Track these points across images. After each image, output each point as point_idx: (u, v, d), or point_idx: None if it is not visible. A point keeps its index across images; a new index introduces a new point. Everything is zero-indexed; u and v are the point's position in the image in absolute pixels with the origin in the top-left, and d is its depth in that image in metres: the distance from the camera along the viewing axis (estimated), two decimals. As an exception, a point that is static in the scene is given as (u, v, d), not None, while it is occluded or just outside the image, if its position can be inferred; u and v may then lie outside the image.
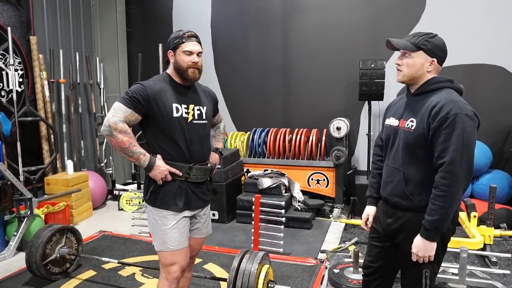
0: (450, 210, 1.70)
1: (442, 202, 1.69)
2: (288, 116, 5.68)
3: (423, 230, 1.75)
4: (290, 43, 5.57)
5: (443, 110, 1.69)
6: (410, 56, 1.83)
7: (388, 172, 1.95)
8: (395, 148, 1.90)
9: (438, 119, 1.69)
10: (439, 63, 1.84)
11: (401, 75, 1.87)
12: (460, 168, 1.66)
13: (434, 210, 1.70)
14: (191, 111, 2.10)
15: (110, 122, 1.93)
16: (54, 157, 5.01)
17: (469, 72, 4.79)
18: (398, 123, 1.90)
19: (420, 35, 1.83)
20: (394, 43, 1.87)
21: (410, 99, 1.91)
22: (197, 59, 2.07)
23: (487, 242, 3.51)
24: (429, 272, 1.84)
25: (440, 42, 1.83)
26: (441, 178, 1.69)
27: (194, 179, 2.12)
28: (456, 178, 1.67)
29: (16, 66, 4.73)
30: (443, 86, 1.81)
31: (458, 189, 1.69)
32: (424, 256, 1.77)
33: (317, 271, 3.33)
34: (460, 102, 1.72)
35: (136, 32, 6.44)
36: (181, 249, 2.11)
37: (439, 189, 1.69)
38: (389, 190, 1.93)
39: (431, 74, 1.83)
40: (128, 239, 4.16)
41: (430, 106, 1.74)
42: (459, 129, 1.66)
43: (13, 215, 3.96)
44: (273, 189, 4.67)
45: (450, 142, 1.67)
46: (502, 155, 4.75)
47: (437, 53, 1.81)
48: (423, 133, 1.75)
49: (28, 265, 3.09)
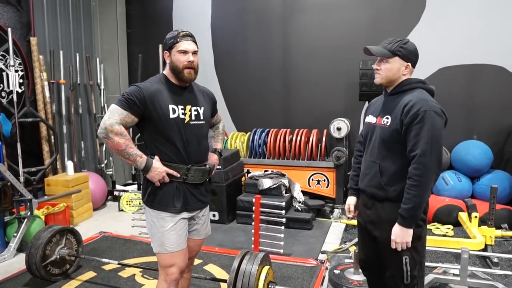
0: (423, 198, 1.86)
1: (416, 191, 1.84)
2: (288, 116, 5.67)
3: (400, 218, 1.90)
4: (290, 43, 5.56)
5: (414, 108, 1.86)
6: (387, 61, 1.99)
7: (366, 165, 2.12)
8: (372, 143, 2.07)
9: (410, 116, 1.85)
10: (413, 66, 2.03)
11: (379, 78, 2.05)
12: (430, 159, 1.82)
13: (409, 199, 1.86)
14: (188, 112, 2.09)
15: (106, 125, 1.93)
16: (54, 158, 5.02)
17: (470, 72, 4.78)
18: (375, 120, 2.08)
19: (395, 42, 1.99)
20: (372, 51, 2.02)
21: (387, 98, 2.08)
22: (193, 58, 2.06)
23: (488, 242, 3.50)
24: (409, 258, 1.96)
25: (413, 47, 2.01)
26: (414, 169, 1.84)
27: (192, 181, 2.11)
28: (427, 169, 1.82)
29: (17, 67, 4.73)
30: (415, 86, 1.98)
31: (429, 178, 1.84)
32: (402, 243, 1.91)
33: (318, 272, 3.32)
34: (430, 101, 1.90)
35: (136, 33, 6.44)
36: (179, 250, 2.10)
37: (413, 179, 1.85)
38: (366, 181, 2.10)
39: (405, 76, 2.01)
40: (128, 240, 4.15)
41: (403, 104, 1.91)
42: (428, 124, 1.83)
43: (13, 216, 3.96)
44: (274, 190, 4.67)
45: (421, 136, 1.83)
46: (503, 155, 4.73)
47: (411, 57, 2.00)
48: (397, 129, 1.92)
49: (28, 266, 3.09)
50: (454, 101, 4.84)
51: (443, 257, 3.60)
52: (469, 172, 4.57)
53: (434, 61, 4.88)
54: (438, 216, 4.38)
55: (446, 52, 4.83)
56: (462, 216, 3.94)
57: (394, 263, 2.00)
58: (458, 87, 4.84)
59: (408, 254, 1.96)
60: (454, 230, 4.25)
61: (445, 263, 3.44)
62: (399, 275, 1.99)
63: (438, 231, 4.21)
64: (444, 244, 3.46)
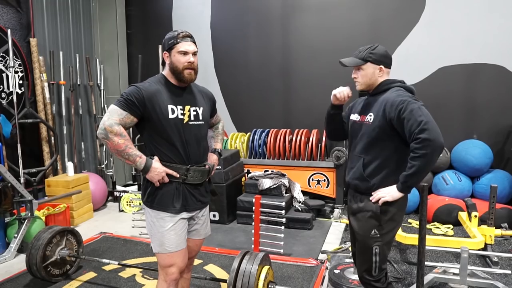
0: (422, 168, 1.94)
1: (416, 162, 1.93)
2: (288, 116, 5.68)
3: (398, 183, 2.04)
4: (290, 43, 5.56)
5: (395, 102, 2.01)
6: (362, 68, 2.16)
7: (351, 160, 2.28)
8: (358, 139, 2.21)
9: (394, 110, 1.99)
10: (387, 67, 2.17)
11: (359, 85, 2.22)
12: (431, 131, 1.89)
13: (409, 167, 1.97)
14: (187, 112, 2.09)
15: (106, 125, 1.93)
16: (54, 159, 5.03)
17: (470, 72, 4.78)
18: (359, 118, 2.23)
19: (364, 50, 2.15)
20: (346, 62, 2.20)
21: (369, 98, 2.24)
22: (193, 59, 2.07)
23: (488, 242, 3.50)
24: (378, 249, 2.13)
25: (382, 50, 2.16)
26: (416, 143, 1.92)
27: (191, 181, 2.11)
28: (429, 141, 1.89)
29: (16, 68, 4.74)
30: (393, 85, 2.14)
31: (432, 150, 1.90)
32: (382, 196, 2.06)
33: (318, 271, 3.32)
34: (405, 94, 2.05)
35: (136, 33, 6.45)
36: (179, 251, 2.10)
37: (414, 152, 1.93)
38: (351, 174, 2.25)
39: (382, 78, 2.17)
40: (129, 241, 4.16)
41: (384, 102, 2.07)
42: (414, 106, 1.95)
43: (14, 217, 3.97)
44: (274, 190, 4.67)
45: (414, 116, 1.93)
46: (503, 154, 4.73)
47: (382, 60, 2.14)
48: (379, 125, 2.07)
49: (29, 267, 3.10)
50: (454, 100, 4.84)
51: (443, 257, 3.60)
52: (469, 172, 4.57)
53: (434, 61, 4.88)
54: (438, 216, 4.38)
55: (446, 51, 4.83)
56: (462, 216, 3.94)
57: (365, 253, 2.16)
58: (458, 86, 4.84)
59: (379, 245, 2.13)
60: (454, 229, 4.25)
61: (445, 262, 3.44)
62: (368, 265, 2.16)
63: (438, 231, 4.22)
64: (444, 243, 3.47)
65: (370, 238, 2.13)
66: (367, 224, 2.14)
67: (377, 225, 2.11)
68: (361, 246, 2.20)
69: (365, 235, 2.15)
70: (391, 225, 2.13)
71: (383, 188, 2.09)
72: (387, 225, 2.12)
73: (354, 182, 2.21)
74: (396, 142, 2.07)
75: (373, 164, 2.11)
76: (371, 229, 2.13)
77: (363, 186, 2.16)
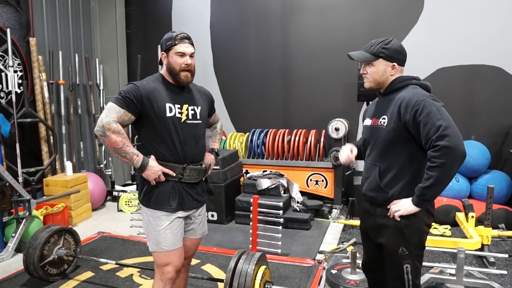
0: (441, 179, 1.73)
1: (433, 172, 1.72)
2: (287, 117, 5.69)
3: (414, 196, 1.83)
4: (289, 43, 5.57)
5: (411, 102, 1.80)
6: (372, 64, 1.95)
7: (366, 169, 2.07)
8: (371, 145, 2.01)
9: (410, 111, 1.79)
10: (400, 65, 1.97)
11: (367, 82, 2.01)
12: (451, 137, 1.69)
13: (426, 178, 1.76)
14: (184, 111, 2.10)
15: (104, 123, 1.94)
16: (53, 159, 5.03)
17: (468, 73, 4.79)
18: (371, 122, 2.04)
19: (376, 44, 1.95)
20: (354, 56, 1.99)
21: (381, 99, 2.05)
22: (190, 61, 2.08)
23: (485, 242, 3.50)
24: (410, 267, 1.90)
25: (396, 45, 1.95)
26: (434, 151, 1.72)
27: (188, 180, 2.12)
28: (448, 149, 1.69)
29: (16, 67, 4.74)
30: (408, 83, 1.93)
31: (451, 159, 1.70)
32: (397, 210, 1.86)
33: (315, 272, 3.32)
34: (422, 93, 1.84)
35: (136, 33, 6.46)
36: (175, 249, 2.11)
37: (431, 161, 1.73)
38: (366, 185, 2.04)
39: (394, 76, 1.96)
40: (127, 240, 4.16)
41: (398, 102, 1.85)
42: (433, 108, 1.75)
43: (12, 216, 3.97)
44: (272, 190, 4.68)
45: (431, 120, 1.73)
46: (501, 155, 4.74)
47: (396, 56, 1.94)
48: (394, 128, 1.86)
49: (26, 266, 3.10)
50: (452, 101, 4.84)
51: (440, 257, 3.61)
52: (467, 172, 4.58)
53: (432, 62, 4.89)
54: (436, 216, 4.31)
55: (444, 52, 4.84)
56: (460, 216, 3.94)
57: (395, 271, 1.94)
58: (456, 87, 4.85)
59: (410, 263, 1.90)
60: (452, 230, 4.25)
61: (442, 263, 3.45)
62: (400, 284, 1.94)
63: (435, 231, 4.22)
64: (441, 244, 3.47)
65: (398, 257, 1.90)
66: (391, 242, 1.92)
67: (403, 241, 1.89)
68: (389, 264, 1.97)
69: (392, 253, 1.92)
70: (418, 237, 1.90)
71: (400, 199, 1.88)
72: (415, 238, 1.89)
73: (370, 194, 2.00)
74: (413, 147, 1.85)
75: (391, 173, 1.90)
76: (398, 246, 1.90)
77: (381, 198, 1.94)
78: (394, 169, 1.90)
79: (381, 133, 1.92)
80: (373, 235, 2.05)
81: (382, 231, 1.96)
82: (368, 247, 2.18)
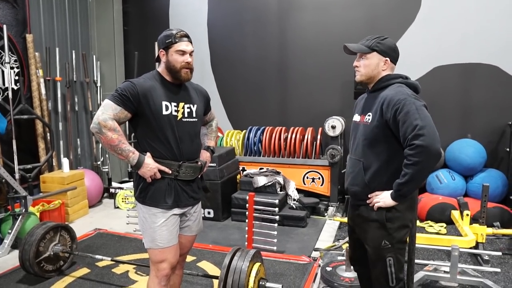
0: (416, 176, 1.81)
1: (409, 169, 1.80)
2: (284, 114, 5.69)
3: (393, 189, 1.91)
4: (286, 41, 5.57)
5: (392, 100, 1.86)
6: (366, 57, 2.00)
7: (351, 164, 2.12)
8: (357, 141, 2.07)
9: (391, 110, 1.85)
10: (393, 62, 2.03)
11: (359, 75, 2.05)
12: (426, 136, 1.75)
13: (403, 175, 1.84)
14: (180, 109, 2.11)
15: (100, 120, 1.94)
16: (50, 155, 5.03)
17: (464, 71, 4.80)
18: (359, 119, 2.10)
19: (372, 38, 2.01)
20: (350, 47, 2.03)
21: (368, 96, 2.10)
22: (190, 59, 2.09)
23: (480, 240, 3.53)
24: (393, 260, 1.97)
25: (391, 43, 2.02)
26: (410, 149, 1.79)
27: (183, 177, 2.12)
28: (423, 148, 1.75)
29: (12, 64, 4.73)
30: (394, 82, 1.98)
31: (426, 158, 1.77)
32: (377, 201, 1.94)
33: (310, 269, 3.33)
34: (405, 92, 1.88)
35: (133, 30, 6.44)
36: (170, 246, 2.12)
37: (408, 159, 1.80)
38: (350, 180, 2.11)
39: (385, 72, 2.02)
40: (123, 237, 4.17)
41: (381, 100, 1.92)
42: (412, 107, 1.80)
43: (8, 213, 3.97)
44: (268, 188, 4.69)
45: (409, 119, 1.79)
46: (497, 154, 4.76)
47: (390, 53, 2.00)
48: (377, 125, 1.93)
49: (22, 262, 3.10)
50: (448, 99, 4.87)
51: (435, 255, 3.62)
52: (462, 171, 4.60)
53: (429, 60, 4.90)
54: (431, 214, 4.41)
55: (441, 51, 4.85)
56: (455, 214, 3.97)
57: (379, 264, 2.01)
58: (453, 86, 4.87)
59: (393, 256, 1.97)
60: (447, 228, 4.27)
61: (437, 260, 3.46)
62: (383, 276, 2.01)
63: (431, 229, 4.24)
64: (436, 242, 3.50)
65: (381, 249, 1.97)
66: (374, 235, 1.99)
67: (386, 235, 1.95)
68: (373, 257, 2.04)
69: (375, 246, 1.99)
70: (402, 232, 1.97)
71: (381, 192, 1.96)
72: (397, 232, 1.96)
73: (354, 189, 2.06)
74: (395, 144, 1.91)
75: (373, 169, 1.96)
76: (381, 240, 1.96)
77: (364, 193, 2.01)
78: (377, 165, 1.96)
79: (366, 129, 1.99)
80: (358, 229, 2.14)
81: (366, 225, 2.04)
82: (354, 240, 2.26)
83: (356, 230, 2.16)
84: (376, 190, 1.97)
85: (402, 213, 1.95)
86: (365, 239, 2.07)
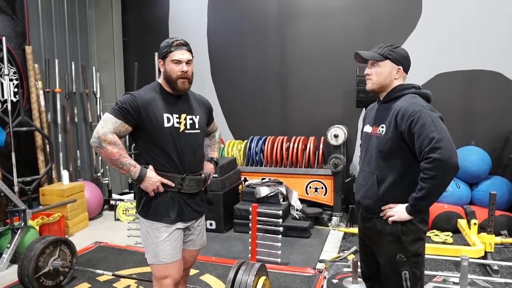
0: (433, 191, 1.76)
1: (425, 184, 1.75)
2: (286, 124, 5.65)
3: (408, 204, 1.85)
4: (286, 50, 5.55)
5: (407, 112, 1.81)
6: (378, 65, 1.96)
7: (363, 176, 2.05)
8: (370, 153, 2.01)
9: (406, 122, 1.80)
10: (405, 71, 1.98)
11: (370, 83, 2.00)
12: (443, 149, 1.71)
13: (419, 189, 1.78)
14: (183, 121, 2.06)
15: (100, 134, 1.89)
16: (49, 167, 4.97)
17: (467, 78, 4.77)
18: (371, 130, 2.03)
19: (385, 46, 1.97)
20: (363, 54, 1.99)
21: (380, 106, 2.04)
22: (186, 68, 2.03)
23: (488, 250, 3.46)
24: (408, 273, 1.91)
25: (403, 51, 1.99)
26: (426, 163, 1.74)
27: (187, 190, 2.07)
28: (439, 162, 1.71)
29: (11, 76, 4.70)
30: (407, 92, 1.93)
31: (443, 172, 1.72)
32: (392, 214, 1.89)
33: (316, 281, 3.27)
34: (419, 103, 1.84)
35: (133, 41, 6.43)
36: (174, 262, 2.06)
37: (424, 172, 1.76)
38: (362, 193, 2.03)
39: (398, 81, 1.97)
40: (124, 250, 4.10)
41: (395, 111, 1.87)
42: (427, 119, 1.76)
43: (7, 227, 3.90)
44: (271, 198, 4.63)
45: (425, 131, 1.75)
46: (501, 161, 4.71)
47: (402, 61, 1.96)
48: (392, 137, 1.87)
49: (20, 278, 3.03)
50: (452, 107, 4.82)
51: (443, 265, 3.56)
52: (467, 179, 4.54)
53: (431, 67, 4.87)
54: (437, 223, 4.35)
55: (443, 58, 4.83)
56: (461, 223, 3.90)
57: (394, 279, 1.95)
58: (455, 93, 4.83)
59: (408, 269, 1.91)
60: (453, 237, 4.21)
61: (445, 271, 3.40)
62: None
63: (437, 238, 4.18)
64: (443, 251, 3.43)
65: (396, 263, 1.92)
66: (389, 249, 1.93)
67: (401, 248, 1.90)
68: (387, 272, 1.98)
69: (390, 260, 1.93)
70: (416, 245, 1.91)
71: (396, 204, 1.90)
72: (412, 245, 1.90)
73: (367, 202, 1.99)
74: (410, 156, 1.86)
75: (388, 182, 1.91)
76: (395, 253, 1.91)
77: (378, 206, 1.95)
78: (391, 178, 1.91)
79: (380, 142, 1.93)
80: (370, 242, 2.07)
81: (380, 238, 1.97)
82: (366, 254, 2.17)
83: (368, 243, 2.10)
84: (390, 203, 1.92)
85: (416, 225, 1.90)
86: (378, 252, 2.01)
